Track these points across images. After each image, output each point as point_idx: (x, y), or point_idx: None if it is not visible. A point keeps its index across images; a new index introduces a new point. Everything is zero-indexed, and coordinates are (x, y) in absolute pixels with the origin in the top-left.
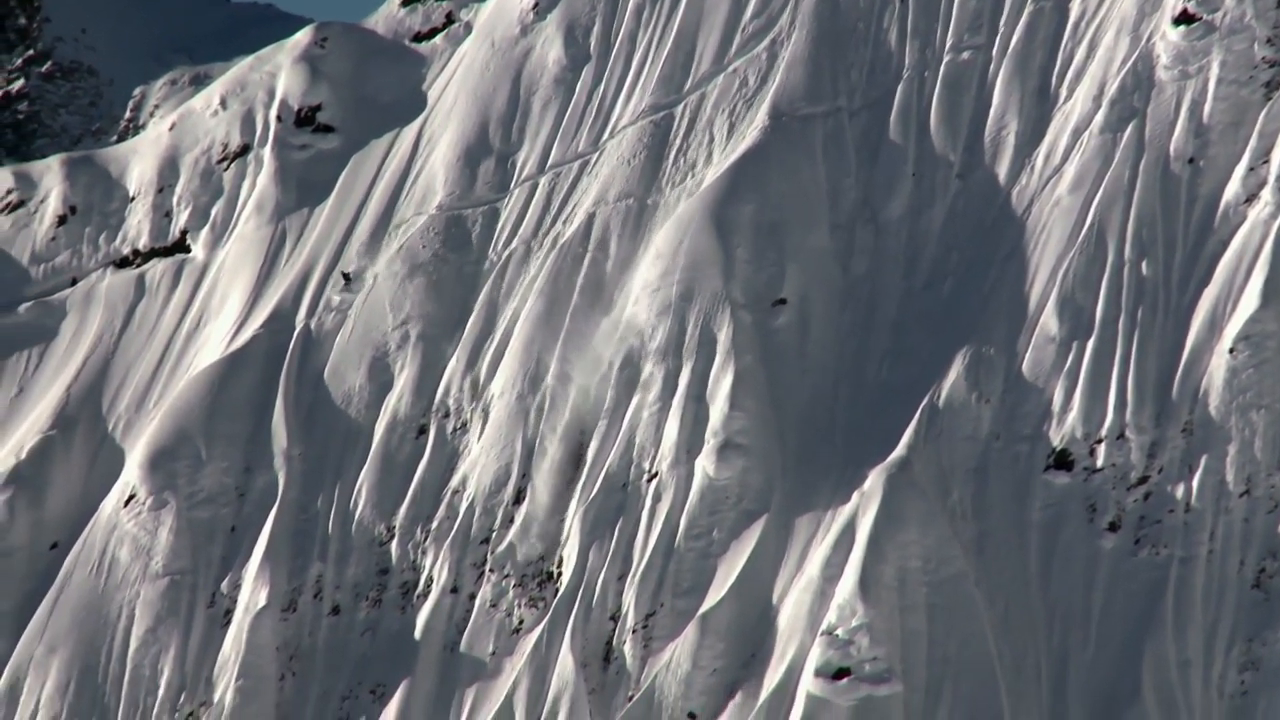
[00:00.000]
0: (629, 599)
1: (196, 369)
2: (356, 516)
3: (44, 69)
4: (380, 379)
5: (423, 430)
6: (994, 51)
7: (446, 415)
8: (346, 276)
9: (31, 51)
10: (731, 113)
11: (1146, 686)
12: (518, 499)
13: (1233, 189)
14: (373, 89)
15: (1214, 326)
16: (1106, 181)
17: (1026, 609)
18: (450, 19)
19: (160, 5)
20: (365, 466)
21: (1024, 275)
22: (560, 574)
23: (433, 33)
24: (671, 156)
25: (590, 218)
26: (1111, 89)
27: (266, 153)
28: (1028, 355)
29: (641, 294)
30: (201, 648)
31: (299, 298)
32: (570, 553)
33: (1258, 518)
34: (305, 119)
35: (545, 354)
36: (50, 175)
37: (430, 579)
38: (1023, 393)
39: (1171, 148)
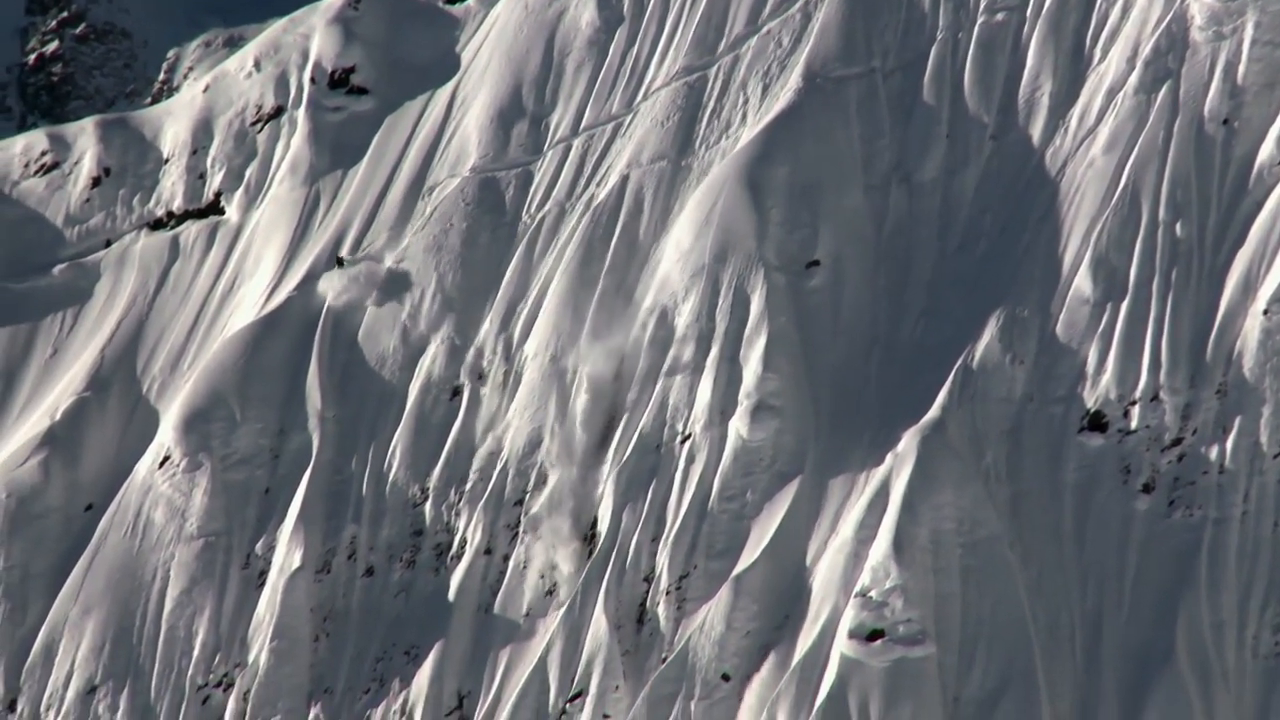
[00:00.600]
0: (663, 561)
1: (230, 331)
2: (390, 478)
3: (78, 31)
4: (413, 341)
5: (456, 392)
6: (1028, 12)
7: (480, 377)
8: (340, 261)
9: (65, 14)
10: (765, 74)
11: (1180, 648)
12: (551, 461)
13: (1267, 150)
14: (406, 51)
15: (1248, 288)
16: (1141, 143)
17: (1060, 571)
18: None
19: None
20: (399, 428)
21: (1058, 237)
22: (594, 536)
23: None
24: (705, 118)
25: (624, 180)
26: (1146, 50)
27: (300, 115)
28: (1061, 317)
29: (675, 256)
30: (236, 609)
31: (333, 260)
32: (604, 514)
33: None
34: (339, 81)
35: (578, 316)
36: (84, 137)
37: (464, 541)
38: (1057, 354)
39: (1206, 109)
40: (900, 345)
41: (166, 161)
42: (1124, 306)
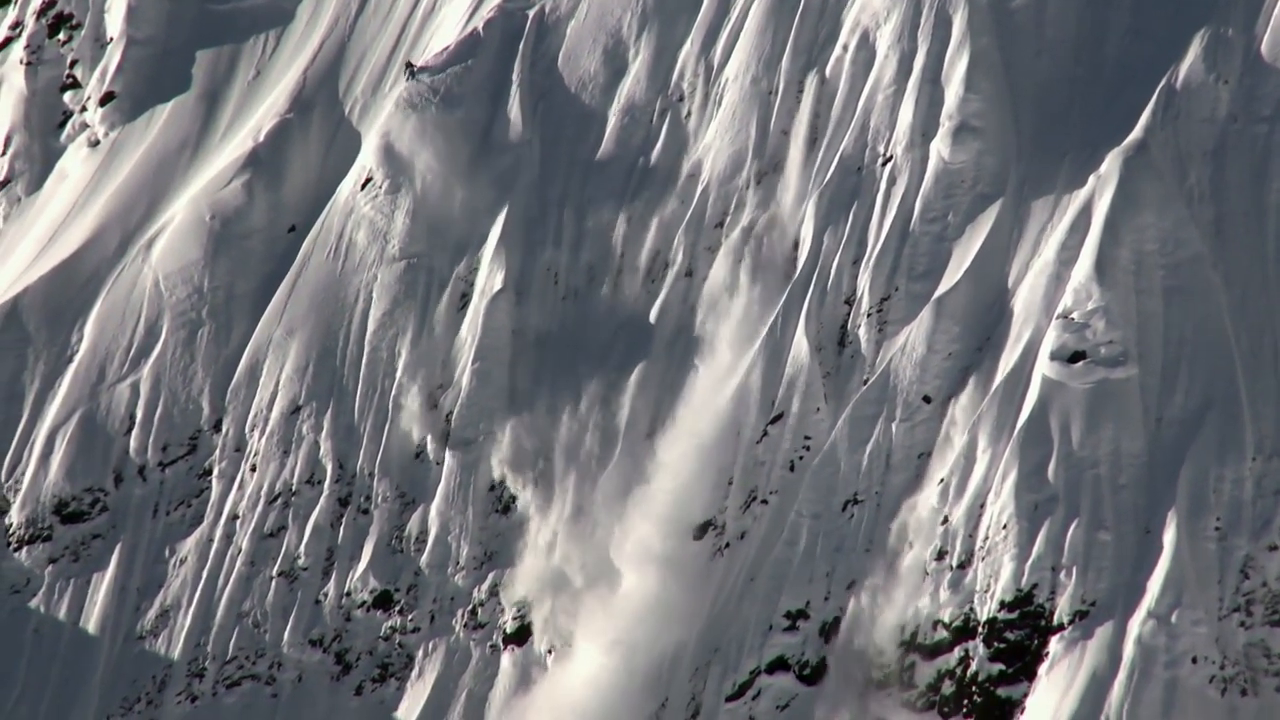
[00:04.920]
0: (864, 283)
1: (431, 52)
2: (590, 201)
3: None
4: (614, 64)
5: (656, 115)
6: None
7: (680, 99)
8: (410, 66)
9: None
10: None
11: None
12: (752, 183)
13: None
14: None
15: None
16: None
17: (1264, 291)
18: None
19: None
20: (599, 151)
21: None
22: (795, 258)
23: None
24: None
25: None
26: None
27: None
28: (1266, 36)
29: None
30: (438, 331)
31: None
32: (805, 236)
33: None
34: None
35: (780, 38)
36: None
37: (665, 263)
38: (1261, 74)
39: None
40: (1103, 65)
41: None
42: None
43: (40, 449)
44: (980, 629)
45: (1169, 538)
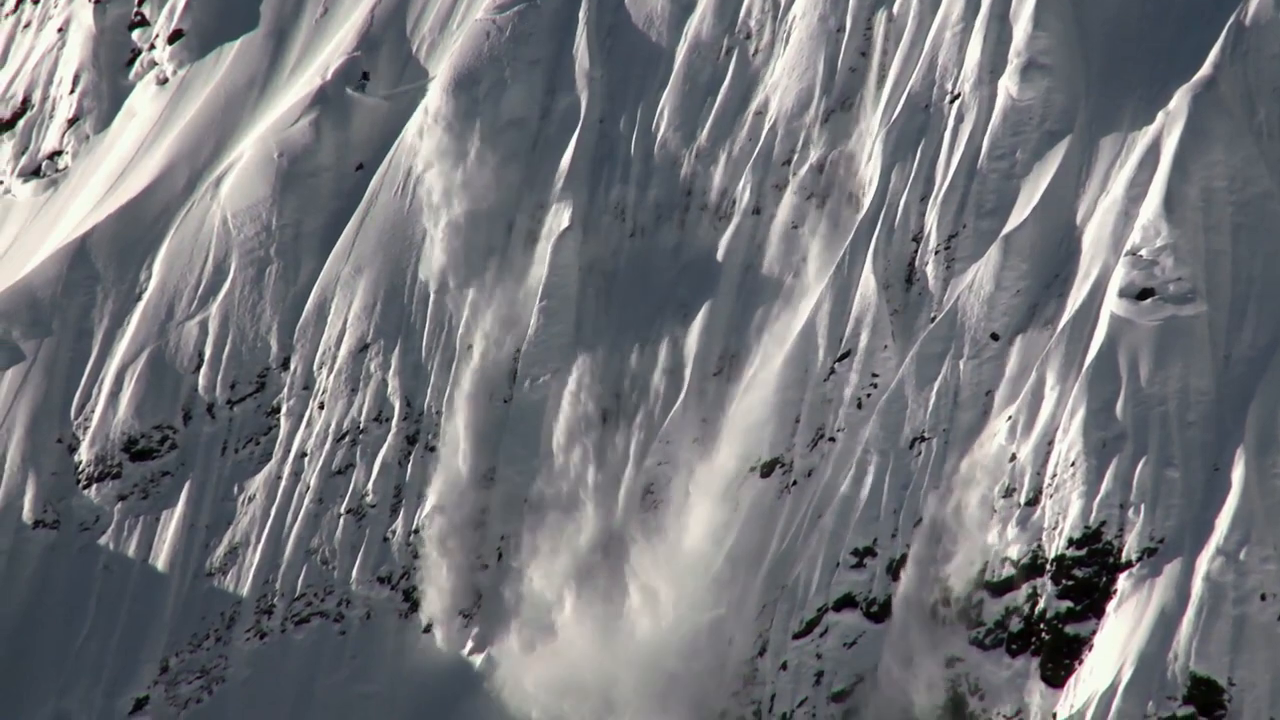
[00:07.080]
0: (931, 220)
1: None
2: (658, 139)
3: None
4: (681, 1)
5: (724, 52)
6: None
7: (748, 37)
8: (365, 75)
9: None
10: None
11: None
12: (819, 121)
13: None
14: None
15: None
16: None
17: None
18: None
19: None
20: (667, 89)
21: None
22: (863, 195)
23: None
24: None
25: None
26: None
27: None
28: None
29: None
30: (505, 269)
31: None
32: (872, 174)
33: None
34: None
35: None
36: None
37: (732, 201)
38: None
39: None
40: (1172, 2)
41: None
42: None
43: (109, 386)
44: (1048, 566)
45: (1237, 475)
